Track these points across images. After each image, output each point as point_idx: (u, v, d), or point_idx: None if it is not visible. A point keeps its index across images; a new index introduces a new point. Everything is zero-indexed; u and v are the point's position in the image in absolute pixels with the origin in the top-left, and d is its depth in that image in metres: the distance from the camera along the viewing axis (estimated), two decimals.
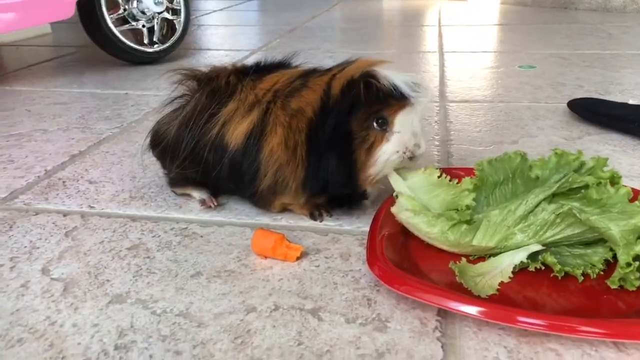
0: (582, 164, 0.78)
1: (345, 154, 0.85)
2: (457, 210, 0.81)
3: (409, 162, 0.87)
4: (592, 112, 1.42)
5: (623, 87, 1.76)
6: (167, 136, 0.96)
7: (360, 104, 0.83)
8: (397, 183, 0.85)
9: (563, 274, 0.75)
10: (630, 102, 1.44)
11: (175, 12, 2.33)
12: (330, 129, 0.84)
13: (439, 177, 0.84)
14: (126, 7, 2.17)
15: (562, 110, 1.53)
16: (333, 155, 0.85)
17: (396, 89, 0.83)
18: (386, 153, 0.85)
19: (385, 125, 0.85)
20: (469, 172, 0.95)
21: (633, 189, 0.75)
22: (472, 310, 0.65)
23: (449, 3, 4.26)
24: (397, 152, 0.85)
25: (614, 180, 0.76)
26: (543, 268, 0.76)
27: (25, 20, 1.93)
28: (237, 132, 0.88)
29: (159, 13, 2.23)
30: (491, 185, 0.84)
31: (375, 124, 0.84)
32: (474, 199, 0.81)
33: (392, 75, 0.84)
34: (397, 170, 0.87)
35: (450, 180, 0.84)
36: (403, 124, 0.85)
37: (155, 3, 2.20)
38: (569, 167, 0.78)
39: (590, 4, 3.63)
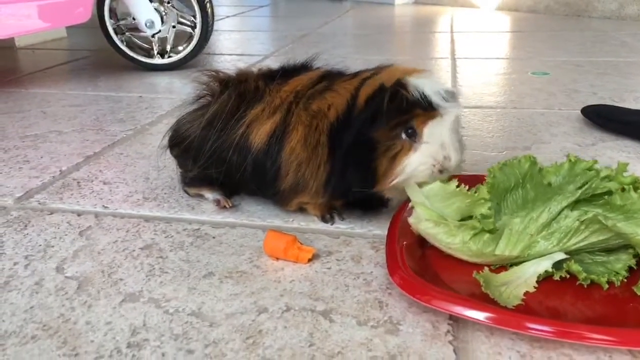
0: (597, 173, 0.77)
1: (365, 162, 0.84)
2: (473, 217, 0.80)
3: (439, 175, 0.84)
4: (606, 118, 1.41)
5: (637, 94, 1.75)
6: (190, 135, 0.96)
7: (383, 113, 0.82)
8: (413, 190, 0.85)
9: (589, 282, 0.74)
10: None
11: (192, 24, 2.25)
12: (352, 136, 0.84)
13: (457, 186, 0.82)
14: (120, 22, 2.18)
15: (576, 117, 1.52)
16: (353, 162, 0.85)
17: (424, 98, 0.81)
18: (412, 164, 0.83)
19: (414, 136, 0.83)
20: (476, 179, 0.93)
21: None
22: (480, 316, 0.65)
23: (461, 10, 4.26)
24: (425, 163, 0.83)
25: (636, 185, 0.75)
26: (568, 277, 0.75)
27: (44, 23, 1.96)
28: (260, 132, 0.89)
29: (154, 35, 2.17)
30: (502, 192, 0.83)
31: (404, 134, 0.83)
32: (489, 208, 0.80)
33: (423, 84, 0.82)
34: None
35: (468, 190, 0.83)
36: (431, 134, 0.83)
37: (147, 26, 2.13)
38: (582, 175, 0.77)
39: (603, 11, 3.61)
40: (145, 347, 0.67)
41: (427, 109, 0.82)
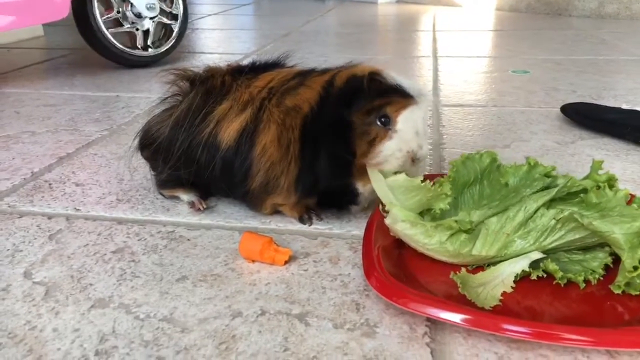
0: (554, 179, 0.78)
1: (343, 142, 0.83)
2: (432, 210, 0.80)
3: (411, 164, 0.85)
4: (585, 116, 1.41)
5: (616, 92, 1.76)
6: (160, 136, 0.94)
7: (362, 95, 0.82)
8: (376, 179, 0.83)
9: (566, 281, 0.73)
10: (624, 106, 1.44)
11: (174, 16, 2.31)
12: (328, 117, 0.82)
13: (422, 181, 0.81)
14: (120, 9, 2.15)
15: (556, 115, 1.53)
16: (328, 144, 0.83)
17: (401, 86, 0.83)
18: (390, 149, 0.83)
19: (388, 124, 0.83)
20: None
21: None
22: (456, 318, 0.64)
23: (443, 9, 4.27)
24: (401, 150, 0.83)
25: (610, 183, 0.75)
26: (545, 276, 0.74)
27: (20, 20, 1.91)
28: (229, 130, 0.87)
29: (152, 18, 2.22)
30: (461, 187, 0.83)
31: (377, 121, 0.83)
32: (448, 203, 0.79)
33: (397, 76, 0.84)
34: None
35: (432, 185, 0.82)
36: (406, 122, 0.83)
37: (148, 8, 2.18)
38: (541, 180, 0.77)
39: (584, 10, 3.64)
40: (114, 354, 0.64)
41: (403, 95, 0.83)
